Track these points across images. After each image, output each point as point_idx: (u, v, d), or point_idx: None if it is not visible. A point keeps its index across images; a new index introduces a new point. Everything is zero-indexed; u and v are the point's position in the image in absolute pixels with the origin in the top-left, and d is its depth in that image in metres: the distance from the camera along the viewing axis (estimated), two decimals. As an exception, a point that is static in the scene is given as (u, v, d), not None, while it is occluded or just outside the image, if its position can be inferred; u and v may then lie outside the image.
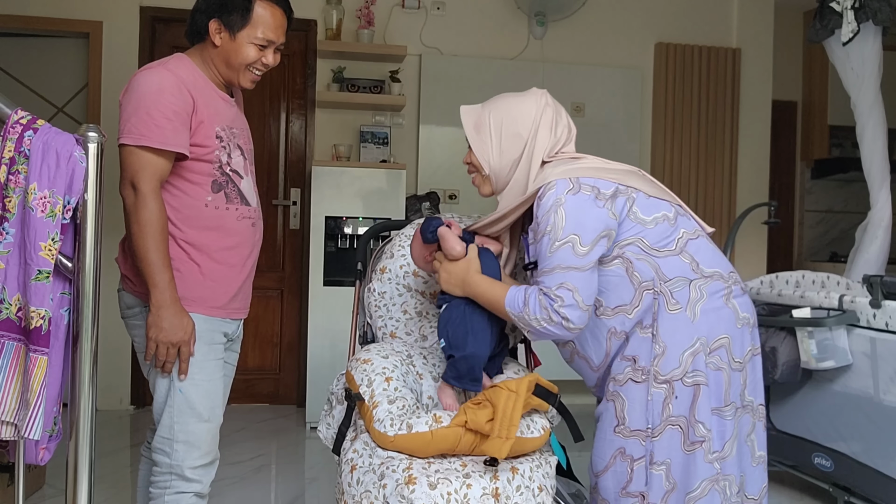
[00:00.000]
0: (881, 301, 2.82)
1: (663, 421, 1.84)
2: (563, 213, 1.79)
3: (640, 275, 1.86)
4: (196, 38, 2.04)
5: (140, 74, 1.94)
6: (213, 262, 1.99)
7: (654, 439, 1.84)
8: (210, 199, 1.98)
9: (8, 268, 1.48)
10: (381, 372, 2.04)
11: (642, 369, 1.85)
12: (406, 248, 2.37)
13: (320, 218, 4.37)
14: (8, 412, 1.49)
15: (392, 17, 4.93)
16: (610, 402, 1.91)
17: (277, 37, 2.02)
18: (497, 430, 1.73)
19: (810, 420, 3.14)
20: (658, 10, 5.27)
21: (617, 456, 1.89)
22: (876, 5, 3.48)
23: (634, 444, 1.87)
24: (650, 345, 1.85)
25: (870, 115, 3.64)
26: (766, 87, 5.43)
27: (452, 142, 4.99)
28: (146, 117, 1.85)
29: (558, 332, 1.80)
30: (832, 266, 5.43)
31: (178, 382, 1.93)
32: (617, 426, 1.90)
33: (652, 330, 1.85)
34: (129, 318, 2.04)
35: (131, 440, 4.07)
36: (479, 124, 1.97)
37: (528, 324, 1.81)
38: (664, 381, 1.83)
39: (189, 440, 1.95)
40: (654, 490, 1.84)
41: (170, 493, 1.95)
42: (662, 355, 1.84)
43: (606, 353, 1.93)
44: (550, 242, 1.79)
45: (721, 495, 1.84)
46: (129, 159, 1.87)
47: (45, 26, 4.61)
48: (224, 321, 2.05)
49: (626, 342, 1.90)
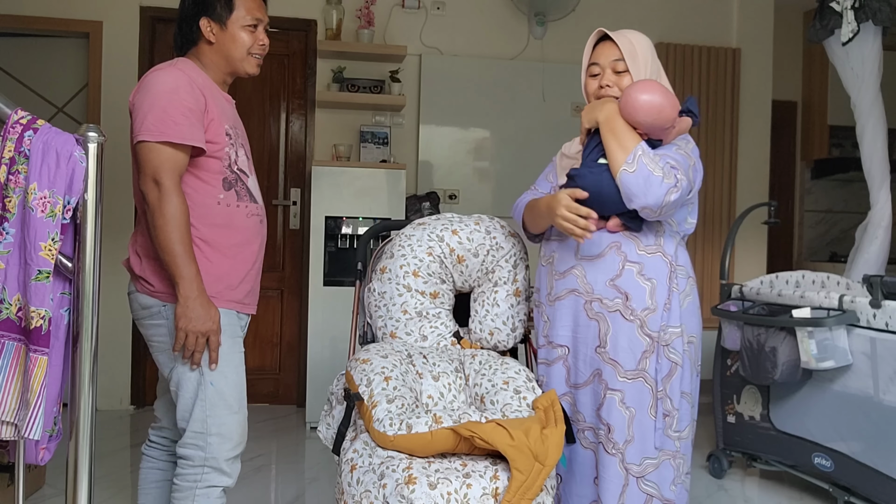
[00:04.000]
0: (881, 301, 2.82)
1: (638, 369, 1.99)
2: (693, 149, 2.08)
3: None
4: (187, 46, 2.09)
5: (152, 74, 1.97)
6: (226, 258, 2.02)
7: (628, 381, 1.99)
8: (222, 196, 2.01)
9: (8, 268, 1.48)
10: (381, 371, 2.04)
11: (632, 310, 2.01)
12: (406, 248, 2.37)
13: (320, 218, 4.37)
14: (8, 412, 1.49)
15: (392, 17, 4.93)
16: (593, 321, 2.05)
17: (262, 14, 2.10)
18: (509, 497, 1.73)
19: (810, 420, 3.14)
20: (658, 10, 5.26)
21: (595, 376, 2.04)
22: (876, 5, 3.48)
23: (610, 373, 2.01)
24: (645, 294, 2.01)
25: (870, 115, 3.64)
26: (766, 87, 5.42)
27: (452, 142, 4.99)
28: (163, 114, 1.88)
29: (661, 191, 1.90)
30: (832, 266, 5.42)
31: (209, 375, 1.97)
32: (598, 347, 2.03)
33: (651, 283, 2.02)
34: (145, 318, 2.03)
35: (131, 440, 4.07)
36: (632, 51, 2.08)
37: (651, 167, 1.91)
38: (647, 335, 2.00)
39: (222, 432, 1.98)
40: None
41: (201, 486, 1.97)
42: (653, 311, 2.01)
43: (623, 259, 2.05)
44: (683, 153, 2.02)
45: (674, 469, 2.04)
46: (150, 156, 1.88)
47: (45, 26, 4.61)
48: (239, 315, 2.08)
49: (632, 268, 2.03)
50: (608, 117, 1.99)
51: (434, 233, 2.38)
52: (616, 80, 2.08)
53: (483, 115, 5.02)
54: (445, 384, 2.15)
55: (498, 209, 4.78)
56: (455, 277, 2.39)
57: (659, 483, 1.99)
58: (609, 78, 2.08)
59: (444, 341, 2.34)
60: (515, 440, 1.77)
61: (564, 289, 2.10)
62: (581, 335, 2.07)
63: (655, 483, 1.99)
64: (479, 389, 2.13)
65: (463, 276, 2.39)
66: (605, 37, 2.11)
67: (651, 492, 1.98)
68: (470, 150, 5.02)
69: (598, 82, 2.11)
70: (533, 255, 2.39)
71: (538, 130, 5.07)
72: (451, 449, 1.85)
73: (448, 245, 2.36)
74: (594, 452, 2.06)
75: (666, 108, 1.96)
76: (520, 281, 2.36)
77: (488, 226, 2.39)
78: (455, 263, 2.36)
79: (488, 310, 2.34)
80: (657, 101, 1.95)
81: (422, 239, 2.37)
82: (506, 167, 5.02)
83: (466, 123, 5.01)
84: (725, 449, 3.57)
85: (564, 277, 2.10)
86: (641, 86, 1.98)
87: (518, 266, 2.37)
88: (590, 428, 2.07)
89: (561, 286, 2.11)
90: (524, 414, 1.97)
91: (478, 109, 5.01)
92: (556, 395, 2.00)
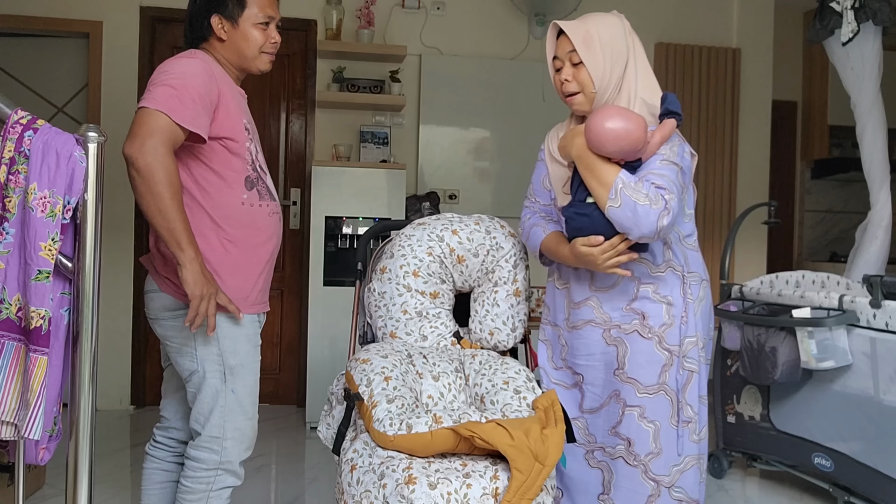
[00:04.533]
0: (881, 301, 2.82)
1: (659, 383, 1.99)
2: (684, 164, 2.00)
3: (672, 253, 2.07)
4: (197, 42, 2.07)
5: (173, 59, 1.95)
6: (249, 259, 2.02)
7: (649, 396, 1.99)
8: (245, 196, 2.00)
9: (8, 268, 1.48)
10: (381, 371, 2.04)
11: (650, 328, 2.01)
12: (406, 248, 2.37)
13: (320, 218, 4.37)
14: (8, 412, 1.49)
15: (392, 17, 4.93)
16: (612, 347, 2.03)
17: (274, 11, 2.07)
18: (509, 497, 1.73)
19: (810, 420, 3.14)
20: (658, 10, 5.26)
21: (612, 397, 2.03)
22: (876, 5, 3.48)
23: (629, 391, 2.00)
24: (661, 311, 2.01)
25: (870, 115, 3.64)
26: (766, 87, 5.42)
27: (452, 142, 4.99)
28: (171, 91, 1.84)
29: (651, 219, 1.83)
30: (832, 266, 5.42)
31: (231, 383, 2.00)
32: (616, 370, 2.02)
33: (667, 300, 2.01)
34: (167, 319, 2.01)
35: (131, 440, 4.07)
36: (587, 39, 1.98)
37: (635, 197, 1.84)
38: (666, 349, 2.00)
39: (236, 437, 2.02)
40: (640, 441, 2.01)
41: (215, 488, 2.00)
42: (670, 326, 2.01)
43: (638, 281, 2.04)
44: (668, 163, 1.93)
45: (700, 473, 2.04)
46: (148, 119, 1.81)
47: (45, 26, 4.61)
48: (259, 316, 2.10)
49: (646, 287, 2.03)
50: (580, 154, 1.93)
51: (434, 233, 2.38)
52: (574, 72, 2.01)
53: (483, 115, 5.02)
54: (445, 384, 2.15)
55: (498, 209, 4.78)
56: (455, 277, 2.39)
57: (686, 487, 2.01)
58: (567, 72, 2.02)
59: (444, 341, 2.34)
60: (515, 440, 1.77)
61: (581, 319, 2.10)
62: (599, 362, 2.08)
63: (683, 488, 2.01)
64: (479, 389, 2.13)
65: (463, 276, 2.39)
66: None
67: (681, 497, 2.00)
68: (470, 150, 5.02)
69: (560, 77, 2.05)
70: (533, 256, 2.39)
71: (538, 130, 5.03)
72: (451, 449, 1.85)
73: (448, 245, 2.36)
74: (602, 471, 2.07)
75: (632, 131, 1.87)
76: (520, 281, 2.36)
77: (488, 226, 2.39)
78: (455, 263, 2.36)
79: (488, 310, 2.34)
80: (620, 127, 1.86)
81: (422, 239, 2.37)
82: (506, 167, 5.02)
83: (466, 123, 5.01)
84: (725, 449, 3.57)
85: (580, 308, 2.10)
86: (601, 115, 1.89)
87: (518, 266, 2.37)
88: (599, 448, 2.08)
89: (577, 316, 2.11)
90: (524, 414, 1.97)
91: (478, 109, 5.01)
92: (556, 395, 2.00)
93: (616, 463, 2.03)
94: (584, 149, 1.92)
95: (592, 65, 1.98)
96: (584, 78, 2.00)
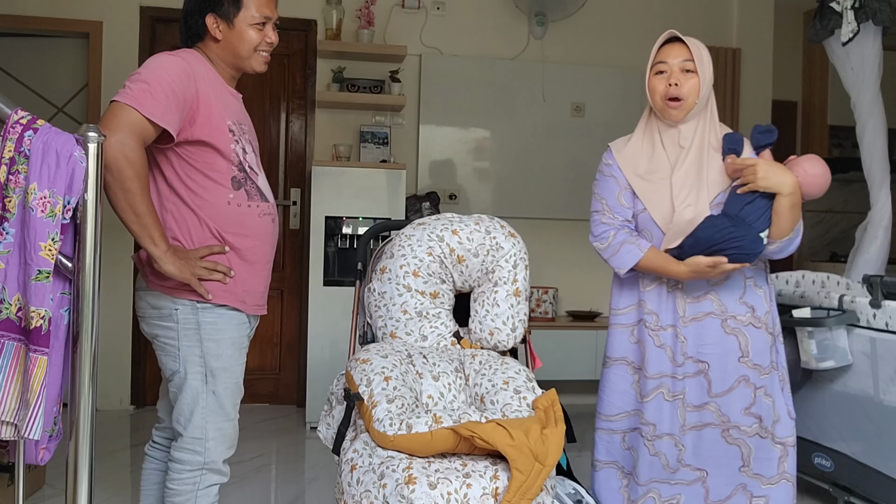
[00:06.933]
0: (881, 301, 2.82)
1: (771, 363, 2.27)
2: None
3: None
4: (192, 41, 2.06)
5: (152, 56, 1.96)
6: (240, 261, 2.01)
7: (766, 376, 2.26)
8: (231, 196, 1.99)
9: (8, 268, 1.48)
10: (381, 371, 2.04)
11: (759, 318, 2.26)
12: (406, 248, 2.37)
13: (320, 218, 4.37)
14: (8, 412, 1.49)
15: (392, 17, 4.93)
16: (731, 336, 2.25)
17: (272, 11, 2.06)
18: (510, 497, 1.73)
19: (810, 420, 3.14)
20: (658, 10, 5.26)
21: (741, 381, 2.24)
22: (876, 5, 3.48)
23: (754, 375, 2.24)
24: (762, 300, 2.28)
25: (870, 115, 3.64)
26: (766, 87, 5.42)
27: (452, 142, 4.99)
28: (144, 86, 1.84)
29: (796, 245, 2.26)
30: (832, 266, 5.42)
31: (212, 385, 1.98)
32: (741, 357, 2.25)
33: (763, 290, 2.30)
34: (154, 318, 2.01)
35: (131, 440, 4.07)
36: (699, 56, 2.21)
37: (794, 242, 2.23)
38: (770, 332, 2.27)
39: (217, 437, 2.01)
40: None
41: (202, 487, 2.01)
42: (769, 312, 2.29)
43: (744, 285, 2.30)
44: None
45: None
46: (120, 113, 1.80)
47: (45, 26, 4.61)
48: (250, 318, 2.09)
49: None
50: (793, 192, 2.16)
51: (434, 233, 2.38)
52: (684, 79, 2.18)
53: (483, 115, 5.02)
54: (445, 384, 2.15)
55: (498, 209, 4.78)
56: (455, 277, 2.39)
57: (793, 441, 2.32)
58: (677, 77, 2.18)
59: (444, 341, 2.34)
60: (515, 440, 1.77)
61: (702, 312, 2.26)
62: (721, 349, 2.24)
63: (789, 437, 2.30)
64: (479, 389, 2.13)
65: (463, 276, 2.39)
66: (672, 38, 2.21)
67: (791, 451, 2.30)
68: (470, 150, 5.02)
69: (665, 81, 2.19)
70: (533, 256, 2.39)
71: (538, 130, 5.07)
72: (451, 449, 1.85)
73: (448, 245, 2.36)
74: (740, 447, 2.25)
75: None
76: (520, 281, 2.36)
77: (488, 226, 2.39)
78: (455, 263, 2.36)
79: (488, 310, 2.34)
80: (829, 179, 2.26)
81: (422, 239, 2.37)
82: (506, 167, 5.02)
83: (466, 123, 5.01)
84: (725, 449, 3.56)
85: (699, 302, 2.26)
86: (824, 167, 2.25)
87: (518, 266, 2.37)
88: (735, 426, 2.25)
89: (697, 309, 2.26)
90: (524, 414, 1.97)
91: (478, 109, 5.01)
92: (556, 395, 1.99)
93: (752, 439, 2.25)
94: (797, 187, 2.18)
95: (703, 76, 2.19)
96: (693, 87, 2.19)
